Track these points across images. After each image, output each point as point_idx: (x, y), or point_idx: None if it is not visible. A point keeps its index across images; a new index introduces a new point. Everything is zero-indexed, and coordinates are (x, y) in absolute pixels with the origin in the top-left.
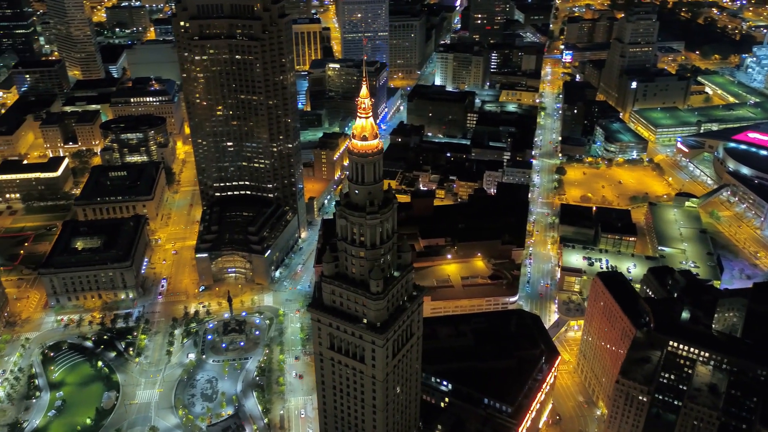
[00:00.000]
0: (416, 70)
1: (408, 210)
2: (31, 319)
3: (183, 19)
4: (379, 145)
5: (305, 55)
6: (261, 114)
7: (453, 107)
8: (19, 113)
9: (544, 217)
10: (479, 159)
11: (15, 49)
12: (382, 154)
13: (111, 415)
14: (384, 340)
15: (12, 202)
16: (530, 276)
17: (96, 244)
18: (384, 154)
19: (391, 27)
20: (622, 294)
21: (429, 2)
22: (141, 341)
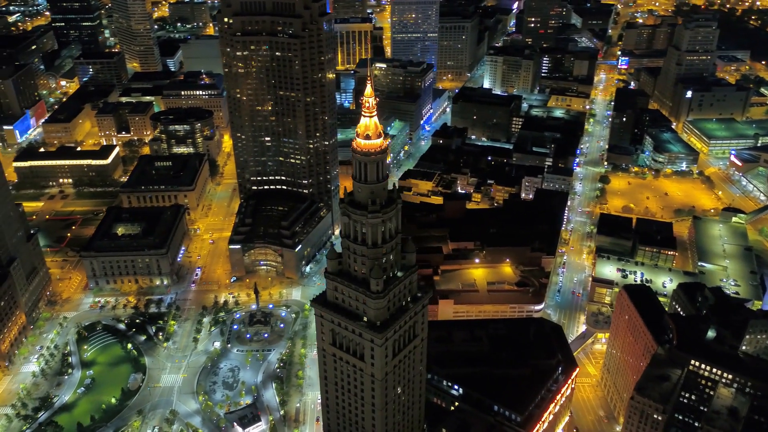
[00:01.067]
0: (466, 72)
1: (439, 212)
2: (71, 299)
3: (227, 15)
4: (383, 144)
5: (356, 54)
6: (299, 111)
7: (498, 111)
8: (79, 102)
9: (582, 225)
10: (520, 164)
11: (81, 40)
12: (385, 154)
13: (135, 396)
14: (383, 340)
15: (64, 187)
16: (561, 285)
17: (136, 230)
18: (424, 155)
19: (442, 28)
20: (647, 308)
21: (485, 4)
22: (170, 327)
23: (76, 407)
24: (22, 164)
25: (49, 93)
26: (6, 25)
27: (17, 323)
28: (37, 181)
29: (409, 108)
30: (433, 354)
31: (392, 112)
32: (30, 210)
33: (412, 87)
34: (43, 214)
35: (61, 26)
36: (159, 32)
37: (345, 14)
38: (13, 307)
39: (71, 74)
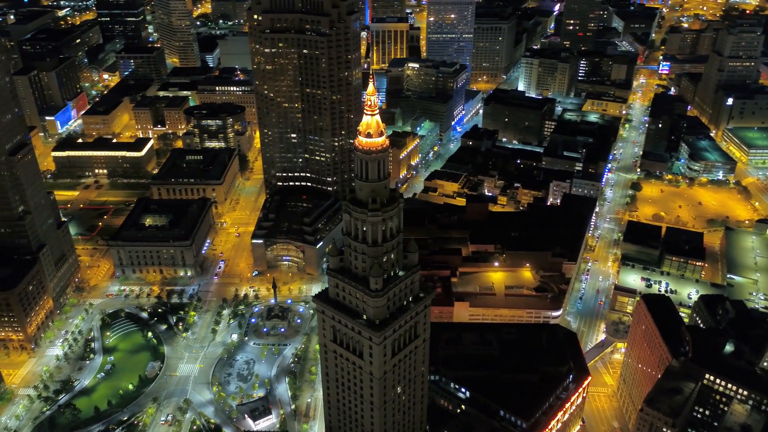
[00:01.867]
0: (502, 74)
1: (461, 214)
2: (98, 286)
3: (256, 12)
4: (384, 143)
5: (391, 53)
6: (324, 108)
7: (530, 113)
8: (118, 95)
9: (609, 232)
10: (549, 168)
11: (125, 35)
12: (386, 152)
13: (152, 383)
14: (381, 338)
15: (99, 177)
16: (584, 292)
17: (163, 222)
18: (452, 156)
19: (478, 29)
20: (664, 319)
21: (526, 6)
22: (191, 317)
23: (95, 391)
24: (60, 154)
25: (91, 86)
26: (55, 19)
27: (45, 308)
28: (74, 170)
29: (440, 109)
30: (442, 356)
31: (423, 112)
32: (65, 199)
33: (444, 88)
34: (77, 203)
35: (106, 21)
36: (201, 28)
37: (383, 14)
38: (41, 291)
39: (114, 68)
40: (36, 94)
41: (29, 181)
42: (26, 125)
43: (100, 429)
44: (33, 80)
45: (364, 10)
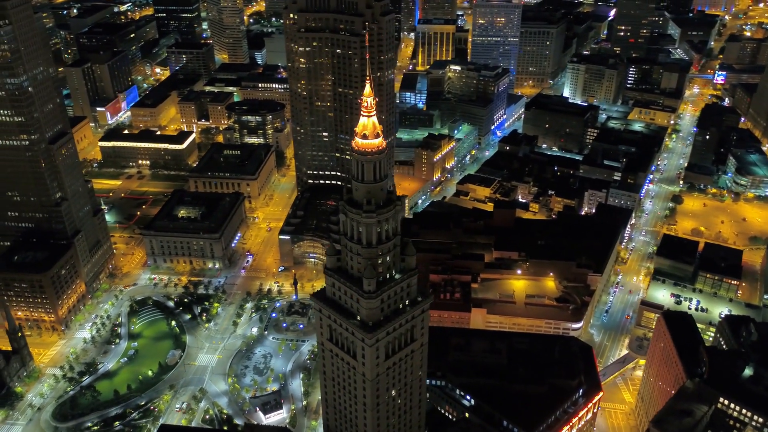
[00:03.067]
0: (548, 80)
1: (488, 219)
2: (130, 274)
3: (292, 11)
4: (381, 144)
5: (437, 55)
6: (356, 108)
7: (572, 120)
8: (167, 89)
9: (644, 245)
10: (587, 177)
11: (180, 31)
12: (384, 154)
13: (171, 371)
14: (374, 340)
15: (142, 168)
16: (611, 305)
17: (195, 214)
18: (487, 161)
19: (526, 33)
20: (683, 337)
21: (581, 11)
22: (214, 309)
23: (116, 375)
24: (106, 144)
25: (143, 79)
26: (115, 14)
27: (77, 291)
28: (119, 160)
29: (479, 112)
30: (449, 361)
31: (462, 115)
32: (108, 187)
33: (485, 91)
34: (119, 192)
35: (162, 17)
36: (254, 26)
37: (433, 15)
38: (74, 276)
39: (166, 62)
40: (89, 86)
41: (67, 169)
42: (67, 115)
43: (117, 411)
44: (86, 72)
45: (414, 12)
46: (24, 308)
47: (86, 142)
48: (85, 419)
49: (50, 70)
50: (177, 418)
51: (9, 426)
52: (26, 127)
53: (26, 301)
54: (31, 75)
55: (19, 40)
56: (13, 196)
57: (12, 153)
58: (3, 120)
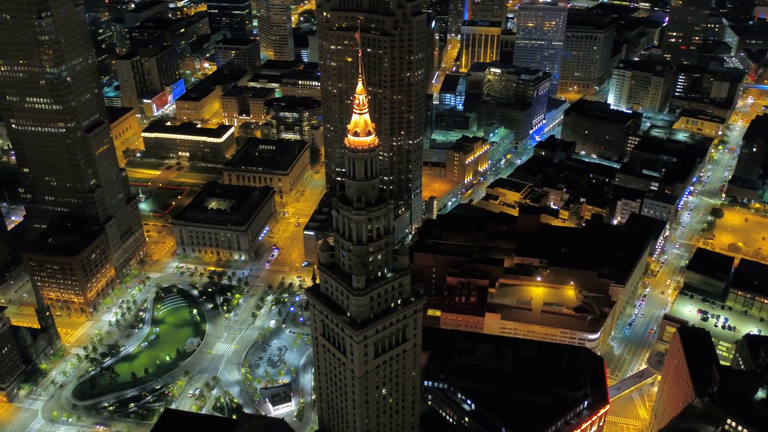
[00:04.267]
0: (594, 85)
1: (512, 224)
2: (160, 261)
3: (325, 9)
4: (372, 142)
5: (481, 57)
6: (385, 108)
7: (612, 127)
8: (212, 83)
9: (677, 258)
10: (621, 185)
11: (231, 27)
12: (375, 152)
13: (188, 358)
14: (361, 337)
15: (181, 159)
16: (635, 318)
17: (224, 206)
18: (521, 165)
19: (572, 37)
20: (697, 354)
21: (636, 16)
22: (235, 300)
23: (136, 359)
24: (149, 135)
25: (192, 73)
26: (170, 9)
27: (106, 276)
28: (160, 151)
29: (517, 116)
30: (453, 365)
31: (500, 118)
32: (148, 177)
33: (524, 95)
34: (157, 182)
35: (214, 13)
36: (304, 24)
37: (482, 17)
38: (104, 260)
39: (214, 58)
40: (137, 78)
41: (102, 157)
42: (104, 105)
43: (133, 393)
44: (135, 65)
45: (463, 13)
46: (55, 289)
47: (131, 132)
48: (102, 399)
49: (89, 62)
50: (189, 404)
51: (32, 401)
52: (63, 115)
53: (57, 282)
54: (69, 65)
55: (60, 31)
56: (50, 181)
57: (50, 140)
58: (42, 108)
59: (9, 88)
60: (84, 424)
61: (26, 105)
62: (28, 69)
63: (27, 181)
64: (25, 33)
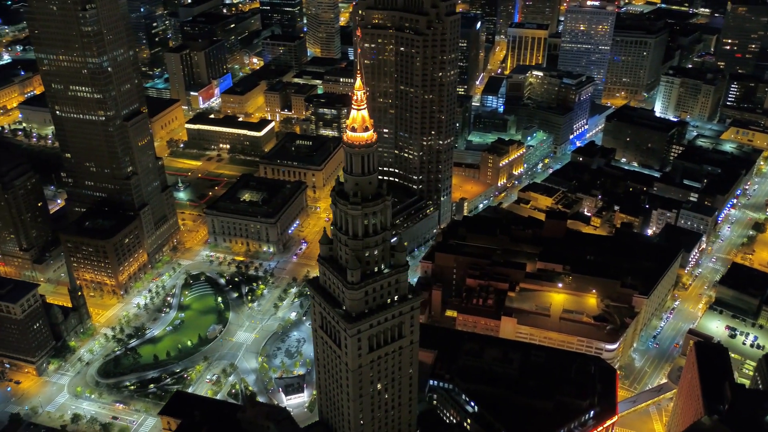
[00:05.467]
0: (642, 92)
1: (538, 229)
2: (192, 249)
3: (361, 7)
4: (370, 138)
5: (527, 59)
6: (416, 107)
7: (655, 135)
8: (257, 78)
9: (712, 272)
10: (659, 195)
11: (281, 24)
12: (372, 148)
13: (209, 344)
14: (355, 331)
15: (221, 151)
16: (660, 331)
17: (256, 198)
18: (557, 170)
19: (621, 42)
20: (711, 371)
21: (694, 21)
22: (260, 290)
23: (160, 342)
24: (192, 126)
25: (240, 68)
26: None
27: (139, 260)
28: (202, 143)
29: (557, 120)
30: (459, 365)
31: (540, 122)
32: (188, 167)
33: (565, 99)
34: (196, 173)
35: (266, 10)
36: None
37: (533, 19)
38: (137, 245)
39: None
40: (185, 71)
41: (139, 145)
42: (144, 96)
43: (154, 375)
44: (184, 58)
45: (513, 15)
46: (90, 271)
47: (177, 123)
48: (125, 378)
49: (130, 53)
50: (205, 389)
51: (59, 375)
52: (103, 104)
53: (92, 264)
54: (111, 56)
55: (102, 23)
56: (90, 166)
57: (91, 127)
58: (84, 96)
59: (54, 77)
60: (105, 401)
61: (69, 93)
62: (71, 58)
63: (68, 166)
64: (70, 24)
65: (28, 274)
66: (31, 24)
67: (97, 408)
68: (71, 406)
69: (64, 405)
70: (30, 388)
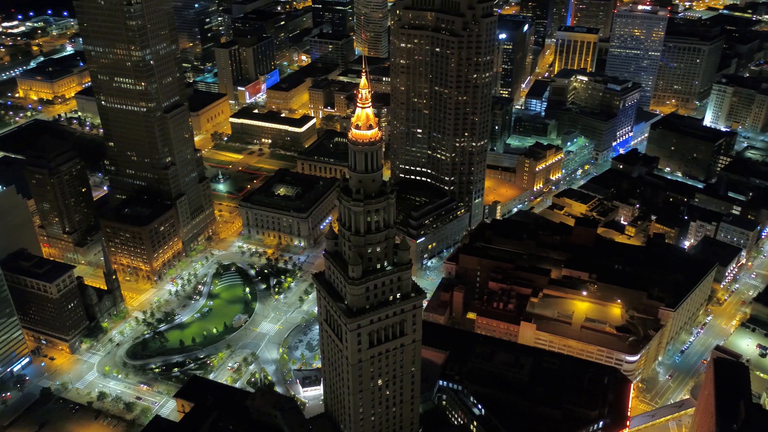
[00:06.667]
0: (694, 100)
1: (566, 235)
2: (226, 240)
3: (399, 7)
4: (373, 136)
5: (575, 64)
6: (449, 108)
7: (700, 145)
8: (303, 75)
9: (750, 289)
10: (700, 206)
11: (332, 23)
12: (376, 146)
13: (234, 333)
14: (354, 325)
15: (263, 146)
16: (689, 346)
17: (291, 193)
18: (595, 177)
19: (673, 48)
20: (728, 388)
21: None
22: (287, 283)
23: (187, 328)
24: (236, 121)
25: (288, 65)
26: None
27: (173, 248)
28: (245, 137)
29: (599, 126)
30: (469, 368)
31: (582, 127)
32: (230, 160)
33: (609, 105)
34: (237, 166)
35: (318, 8)
36: None
37: (586, 23)
38: (172, 234)
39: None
40: (233, 66)
41: (178, 137)
42: (185, 88)
43: (178, 359)
44: (233, 53)
45: (566, 18)
46: (126, 256)
47: (222, 117)
48: (151, 361)
49: (173, 47)
50: (226, 376)
51: (90, 354)
52: (145, 95)
53: (128, 249)
54: (153, 50)
55: (147, 17)
56: (131, 156)
57: (133, 117)
58: (127, 88)
59: (100, 68)
60: (131, 382)
61: (114, 84)
62: (116, 51)
63: (111, 155)
64: (116, 17)
65: (70, 256)
66: (80, 17)
67: (123, 387)
68: (99, 384)
69: (92, 383)
70: (62, 365)
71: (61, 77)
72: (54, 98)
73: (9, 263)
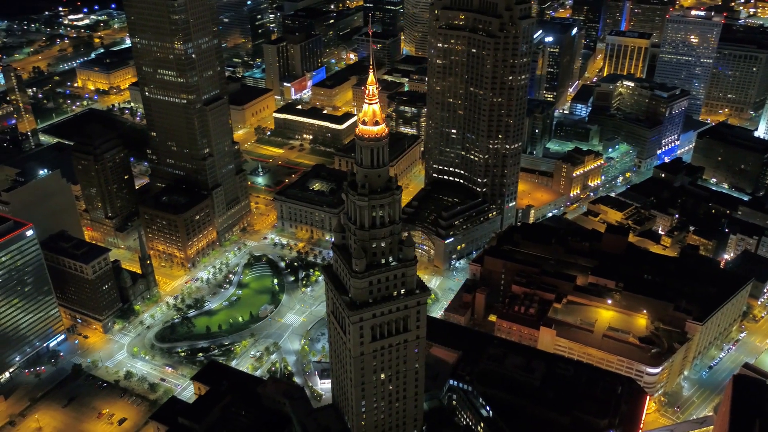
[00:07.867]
0: (749, 110)
1: (595, 242)
2: (260, 232)
3: (437, 7)
4: (380, 132)
5: (625, 69)
6: (484, 109)
7: (749, 156)
8: (348, 73)
9: None
10: (742, 219)
11: (383, 22)
12: (381, 142)
13: (259, 323)
14: (357, 318)
15: (304, 141)
16: (718, 362)
17: (324, 188)
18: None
19: (728, 55)
20: (745, 407)
21: None
22: (314, 276)
23: (215, 315)
24: (279, 116)
25: (336, 62)
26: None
27: (208, 237)
28: (287, 132)
29: (643, 133)
30: (480, 369)
31: (625, 134)
32: (271, 154)
33: (655, 112)
34: (277, 160)
35: (369, 7)
36: None
37: (641, 28)
38: (207, 223)
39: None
40: (281, 62)
41: (216, 129)
42: (225, 83)
43: (204, 345)
44: (281, 50)
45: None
46: (162, 242)
47: (267, 112)
48: (177, 345)
49: (214, 42)
50: (247, 363)
51: (122, 335)
52: (186, 87)
53: (164, 236)
54: (195, 44)
55: (190, 12)
56: (171, 146)
57: (174, 108)
58: (169, 80)
59: (145, 60)
60: (157, 363)
61: (157, 76)
62: (160, 44)
63: (153, 144)
64: (160, 11)
65: (110, 240)
66: (128, 10)
67: (149, 369)
68: (127, 364)
69: (121, 362)
70: (95, 344)
71: (117, 69)
72: (109, 89)
73: (50, 243)
